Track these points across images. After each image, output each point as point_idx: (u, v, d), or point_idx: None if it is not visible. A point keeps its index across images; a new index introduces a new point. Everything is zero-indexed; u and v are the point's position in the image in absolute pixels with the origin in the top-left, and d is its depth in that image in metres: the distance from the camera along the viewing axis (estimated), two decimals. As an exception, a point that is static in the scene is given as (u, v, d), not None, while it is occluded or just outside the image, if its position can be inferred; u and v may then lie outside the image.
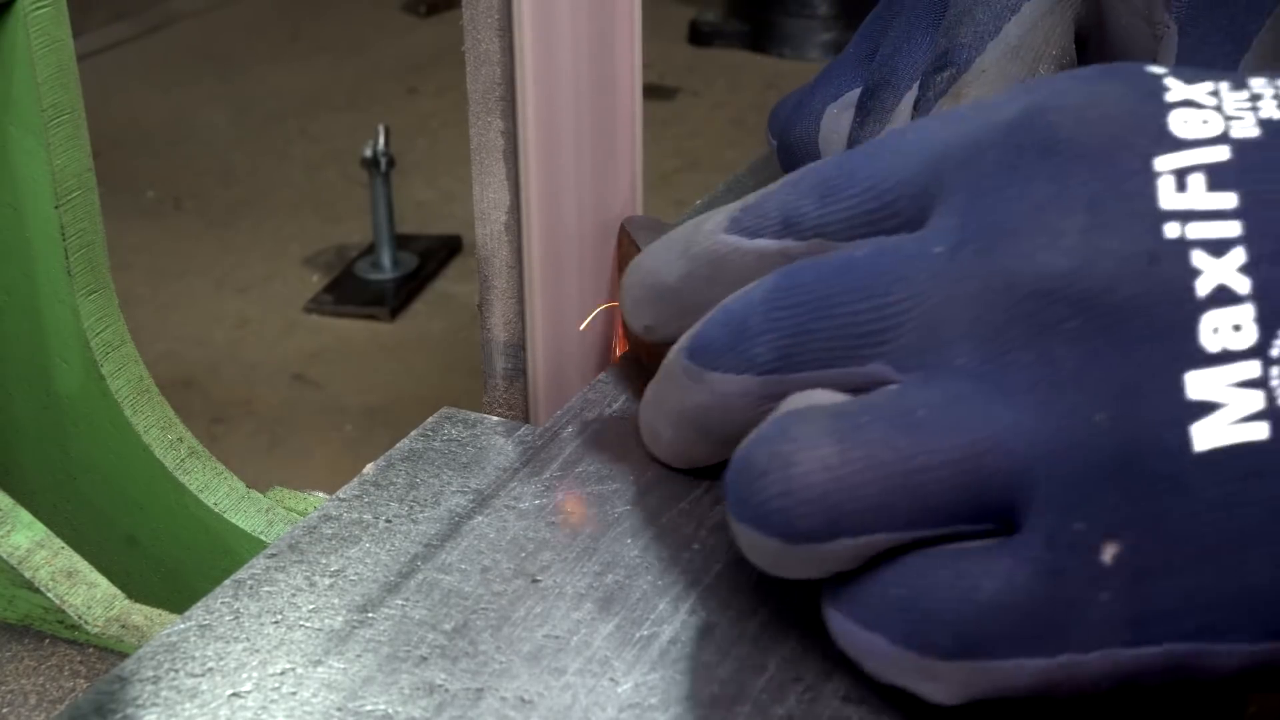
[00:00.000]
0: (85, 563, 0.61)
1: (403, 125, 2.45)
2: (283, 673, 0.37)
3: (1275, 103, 0.32)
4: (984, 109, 0.35)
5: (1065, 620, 0.30)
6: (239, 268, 2.16)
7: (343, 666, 0.37)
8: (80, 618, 0.59)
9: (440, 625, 0.38)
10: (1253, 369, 0.29)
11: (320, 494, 0.72)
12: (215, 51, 3.04)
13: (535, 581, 0.40)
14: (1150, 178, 0.31)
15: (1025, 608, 0.30)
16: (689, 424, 0.40)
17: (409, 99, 2.78)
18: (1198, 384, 0.30)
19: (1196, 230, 0.30)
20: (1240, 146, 0.31)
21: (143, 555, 0.72)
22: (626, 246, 0.50)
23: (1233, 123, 0.32)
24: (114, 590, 0.60)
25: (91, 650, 0.58)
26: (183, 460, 0.70)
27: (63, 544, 0.61)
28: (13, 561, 0.60)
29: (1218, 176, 0.31)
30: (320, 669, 0.37)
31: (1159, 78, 0.33)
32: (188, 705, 0.36)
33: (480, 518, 0.43)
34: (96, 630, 0.59)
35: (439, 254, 2.16)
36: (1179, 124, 0.32)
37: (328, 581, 0.40)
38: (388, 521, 0.43)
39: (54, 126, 0.65)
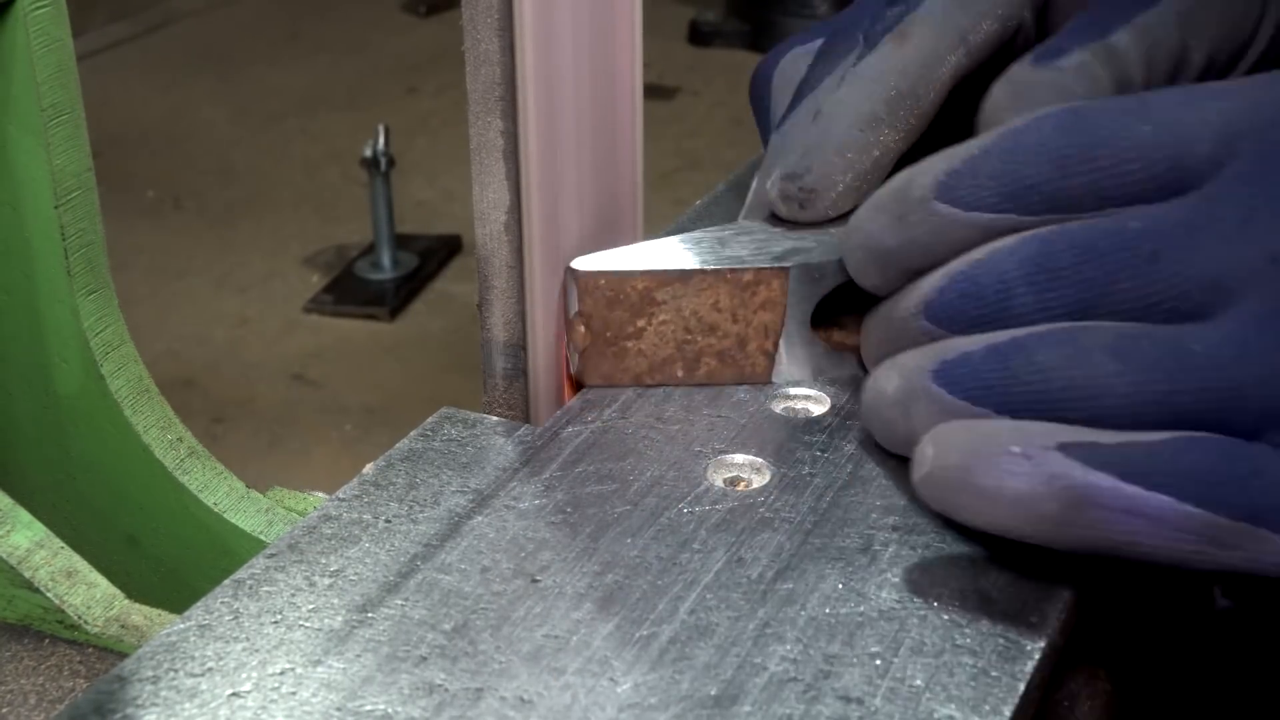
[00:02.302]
0: (85, 563, 0.61)
1: (403, 125, 2.45)
2: (282, 672, 0.37)
3: None
4: (1266, 84, 0.37)
5: None
6: (239, 267, 2.16)
7: (342, 666, 0.37)
8: (80, 618, 0.59)
9: (440, 625, 0.38)
10: None
11: (320, 494, 0.71)
12: (215, 51, 3.04)
13: (535, 581, 0.40)
14: None
15: None
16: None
17: (409, 99, 2.78)
18: None
19: None
20: None
21: (142, 555, 0.72)
22: (594, 291, 0.48)
23: None
24: (113, 590, 0.60)
25: (91, 650, 0.58)
26: (182, 460, 0.70)
27: (62, 544, 0.61)
28: (12, 561, 0.59)
29: None
30: (320, 669, 0.37)
31: None
32: (187, 705, 0.36)
33: (480, 518, 0.43)
34: (96, 630, 0.59)
35: (439, 254, 2.16)
36: None
37: (327, 581, 0.40)
38: (387, 521, 0.43)
39: (53, 126, 0.65)
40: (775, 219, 0.51)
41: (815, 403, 0.48)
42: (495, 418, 0.49)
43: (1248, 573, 0.36)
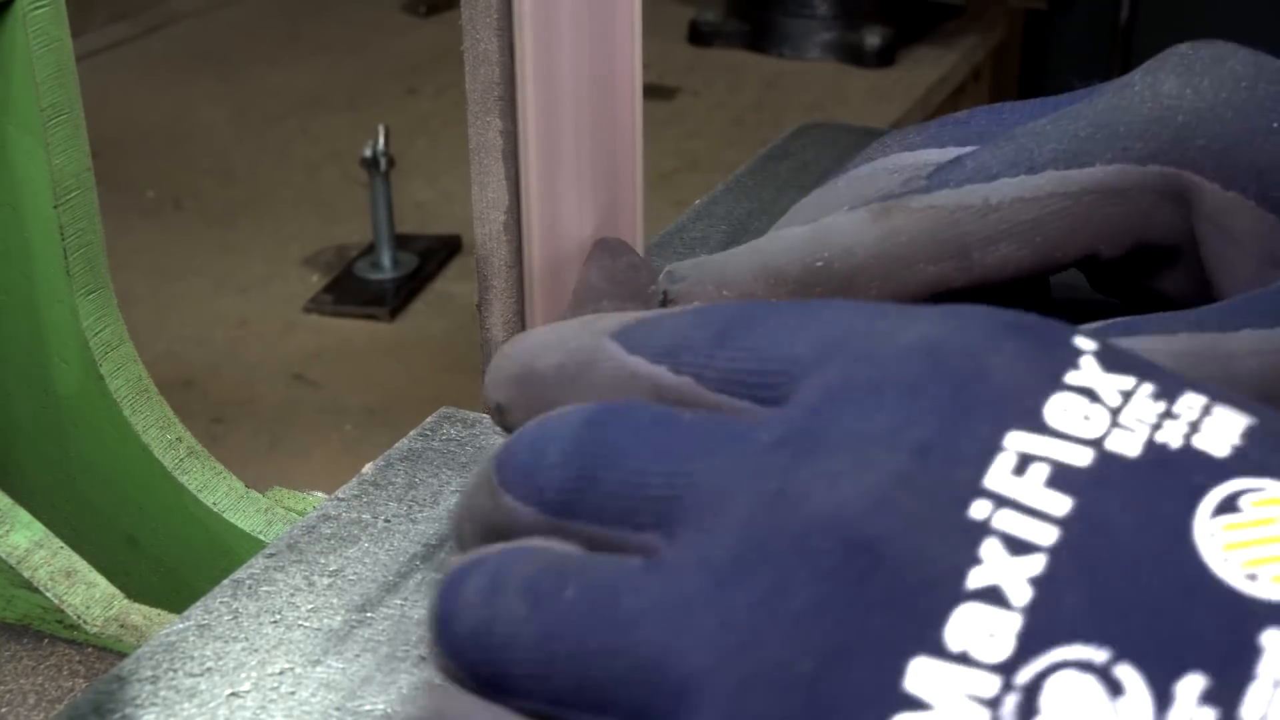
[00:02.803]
0: (84, 562, 0.61)
1: (403, 125, 2.45)
2: (281, 672, 0.37)
3: (1184, 429, 0.29)
4: (900, 316, 0.32)
5: None
6: (239, 268, 2.16)
7: (341, 666, 0.37)
8: (79, 617, 0.59)
9: (439, 625, 0.38)
10: (989, 685, 0.26)
11: (319, 494, 0.71)
12: (215, 51, 3.03)
13: (534, 581, 0.40)
14: (992, 450, 0.28)
15: None
16: (487, 533, 0.35)
17: (409, 99, 2.78)
18: (920, 677, 0.26)
19: (1005, 521, 0.27)
20: (1107, 459, 0.28)
21: (142, 555, 0.72)
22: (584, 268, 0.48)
23: (1117, 432, 0.28)
24: (113, 590, 0.60)
25: (90, 650, 0.58)
26: (182, 460, 0.70)
27: (61, 544, 0.61)
28: (11, 561, 0.59)
29: (1063, 478, 0.28)
30: (319, 669, 0.37)
31: (1078, 354, 0.30)
32: (186, 705, 0.36)
33: (479, 517, 0.43)
34: (95, 630, 0.59)
35: (439, 254, 2.16)
36: (1057, 409, 0.29)
37: (326, 581, 0.40)
38: (387, 521, 0.43)
39: (53, 126, 0.65)
40: None
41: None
42: (495, 418, 0.49)
43: None
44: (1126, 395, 0.29)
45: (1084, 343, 0.31)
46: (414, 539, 0.42)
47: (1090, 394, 0.29)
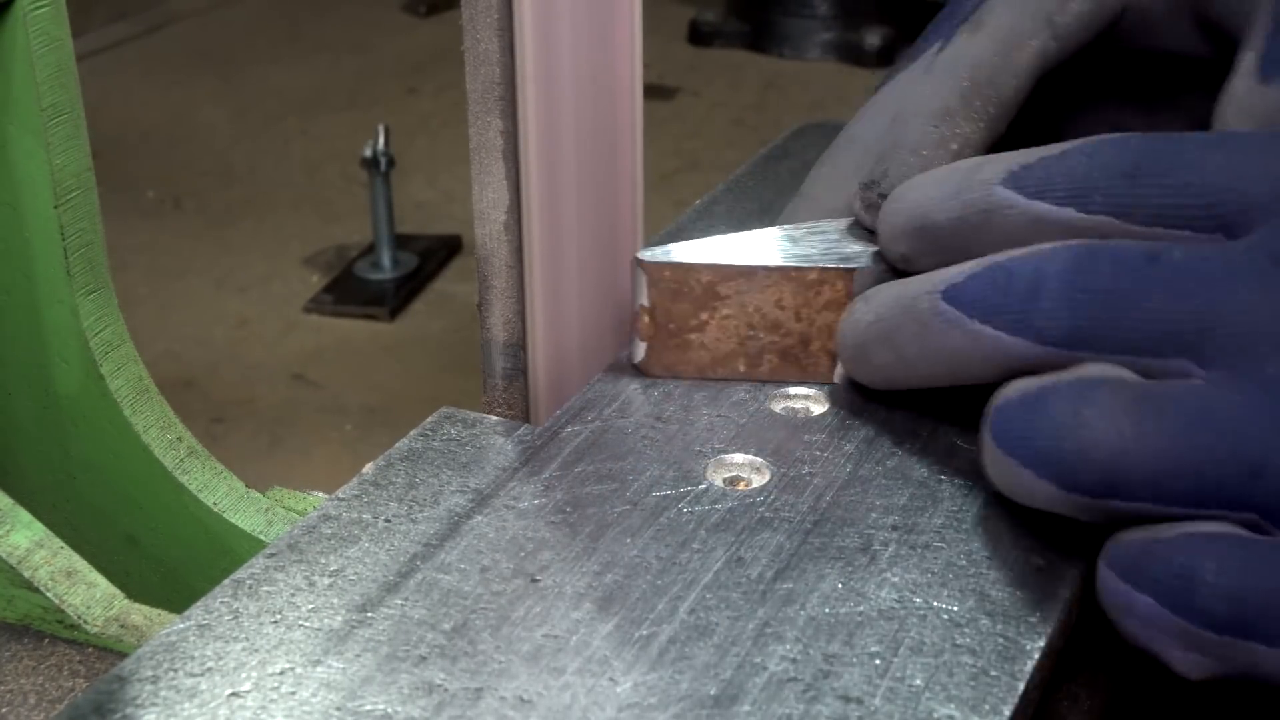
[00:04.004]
0: (84, 562, 0.61)
1: (403, 125, 2.45)
2: (282, 672, 0.37)
3: None
4: None
5: None
6: (239, 268, 2.16)
7: (342, 666, 0.37)
8: (79, 617, 0.59)
9: (439, 625, 0.38)
10: None
11: (320, 494, 0.71)
12: (215, 51, 3.03)
13: (534, 581, 0.40)
14: None
15: None
16: (926, 360, 0.41)
17: (409, 99, 2.78)
18: None
19: None
20: None
21: (142, 555, 0.72)
22: (659, 282, 0.48)
23: None
24: (113, 590, 0.60)
25: (91, 650, 0.58)
26: (182, 460, 0.70)
27: (62, 544, 0.61)
28: (12, 561, 0.59)
29: None
30: (319, 669, 0.37)
31: None
32: (187, 705, 0.36)
33: (479, 517, 0.43)
34: (96, 630, 0.59)
35: (439, 254, 2.16)
36: None
37: (327, 581, 0.40)
38: (387, 521, 0.43)
39: (53, 126, 0.65)
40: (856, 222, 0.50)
41: (815, 402, 0.48)
42: (495, 417, 0.49)
43: (1245, 679, 0.34)
44: None
45: None
46: (414, 539, 0.42)
47: None
